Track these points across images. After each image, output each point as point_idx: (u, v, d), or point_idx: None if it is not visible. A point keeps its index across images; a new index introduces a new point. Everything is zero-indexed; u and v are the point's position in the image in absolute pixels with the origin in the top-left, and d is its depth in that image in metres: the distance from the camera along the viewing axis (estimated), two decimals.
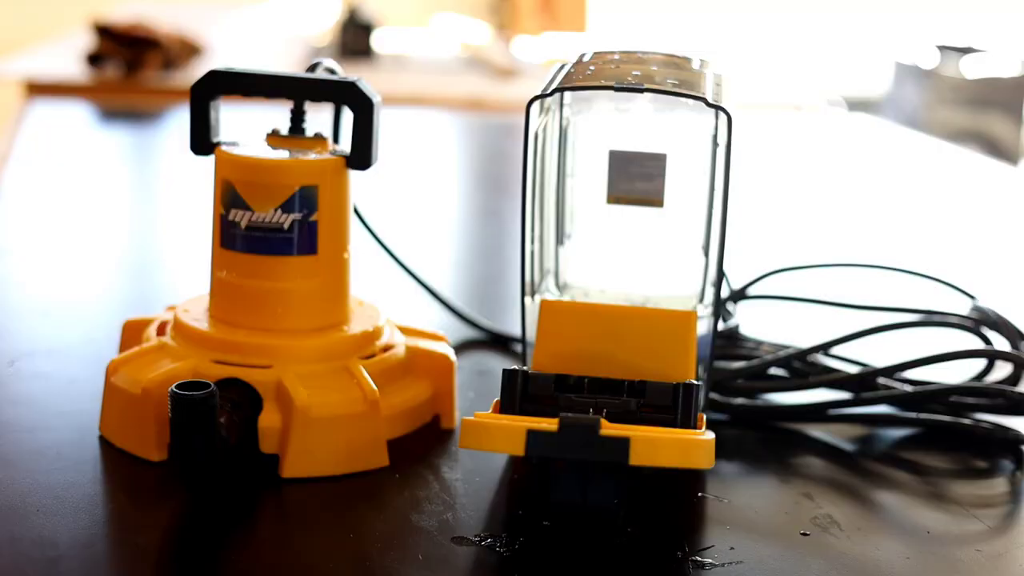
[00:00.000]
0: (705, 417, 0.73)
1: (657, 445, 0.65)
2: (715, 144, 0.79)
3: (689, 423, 0.70)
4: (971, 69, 4.05)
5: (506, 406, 0.72)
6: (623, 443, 0.64)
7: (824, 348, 0.88)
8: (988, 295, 1.00)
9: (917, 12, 4.69)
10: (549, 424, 0.65)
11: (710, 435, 0.68)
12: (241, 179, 0.77)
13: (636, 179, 0.85)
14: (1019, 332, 0.91)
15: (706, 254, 0.82)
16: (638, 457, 0.64)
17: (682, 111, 0.81)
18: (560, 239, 0.86)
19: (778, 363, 0.87)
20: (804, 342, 0.90)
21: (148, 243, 1.32)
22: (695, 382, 0.71)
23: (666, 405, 0.71)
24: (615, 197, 0.84)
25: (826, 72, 4.59)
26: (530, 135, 0.77)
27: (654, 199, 0.84)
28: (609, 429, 0.65)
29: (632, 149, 0.83)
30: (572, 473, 0.67)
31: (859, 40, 4.72)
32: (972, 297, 0.99)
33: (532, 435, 0.65)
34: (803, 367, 0.88)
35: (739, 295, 1.03)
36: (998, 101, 4.04)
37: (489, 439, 0.67)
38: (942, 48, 4.20)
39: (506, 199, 1.48)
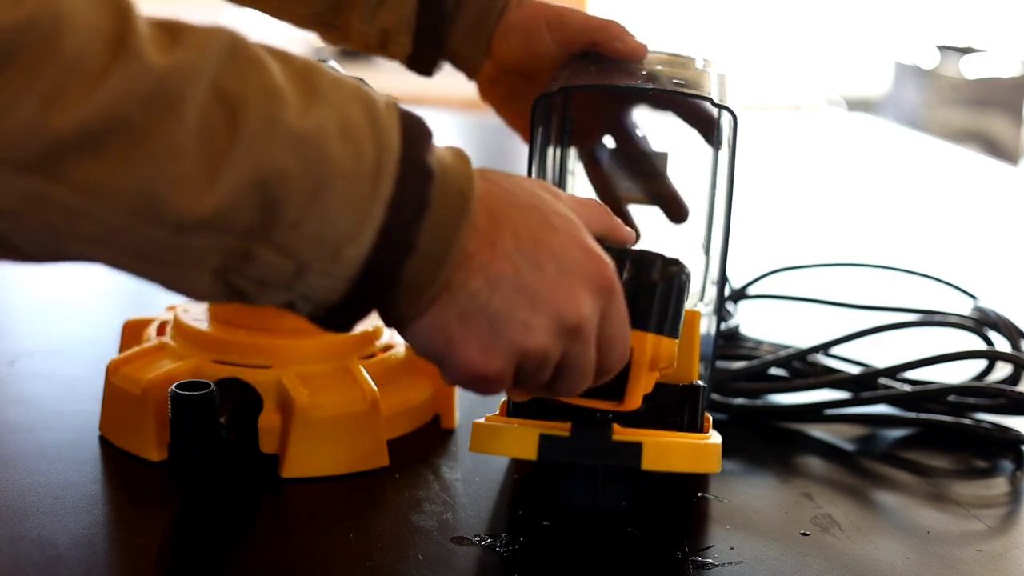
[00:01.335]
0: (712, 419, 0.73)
1: (669, 450, 0.65)
2: (717, 144, 0.79)
3: (696, 425, 0.70)
4: (971, 69, 4.05)
5: (514, 407, 0.71)
6: (635, 448, 0.64)
7: (825, 348, 0.88)
8: (988, 295, 1.00)
9: (917, 12, 4.69)
10: (561, 429, 0.65)
11: (718, 439, 0.68)
12: None
13: (637, 178, 0.85)
14: (1020, 332, 0.91)
15: (707, 253, 0.82)
16: (650, 462, 0.64)
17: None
18: None
19: (779, 363, 0.87)
20: (804, 342, 0.90)
21: None
22: (701, 384, 0.71)
23: (672, 407, 0.71)
24: (617, 196, 0.84)
25: (826, 72, 4.59)
26: (536, 134, 0.76)
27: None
28: (622, 434, 0.65)
29: (634, 148, 0.83)
30: (583, 475, 0.67)
31: (859, 40, 4.72)
32: (973, 297, 0.99)
33: (545, 440, 0.65)
34: (804, 367, 0.88)
35: (739, 295, 1.03)
36: (998, 101, 4.04)
37: (500, 443, 0.66)
38: (942, 48, 4.20)
39: None
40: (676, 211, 0.84)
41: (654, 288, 0.62)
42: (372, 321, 0.81)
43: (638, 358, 0.62)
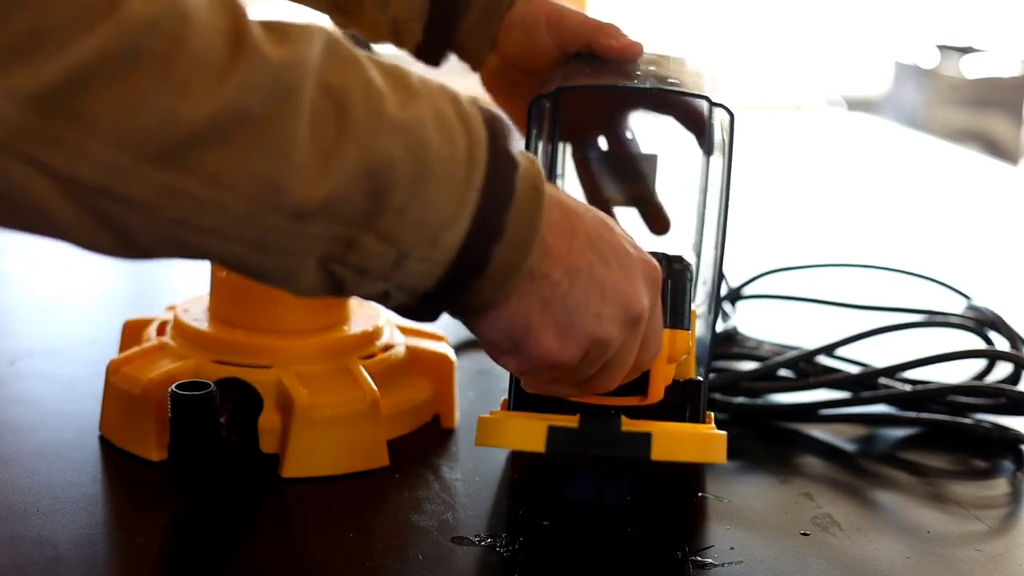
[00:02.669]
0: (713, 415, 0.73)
1: (678, 440, 0.65)
2: (709, 145, 0.79)
3: (698, 419, 0.70)
4: (971, 69, 4.05)
5: (517, 404, 0.70)
6: (645, 438, 0.64)
7: (831, 349, 0.88)
8: (988, 295, 1.00)
9: (917, 12, 4.68)
10: (569, 420, 0.65)
11: (723, 431, 0.68)
12: None
13: (627, 180, 0.85)
14: (1015, 332, 0.91)
15: (698, 255, 0.82)
16: (660, 452, 0.64)
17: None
18: None
19: (785, 364, 0.87)
20: (801, 342, 0.90)
21: None
22: (700, 378, 0.71)
23: (673, 402, 0.70)
24: (606, 199, 0.84)
25: (826, 72, 4.58)
26: (531, 135, 0.76)
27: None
28: (630, 425, 0.65)
29: (624, 150, 0.83)
30: (588, 470, 0.67)
31: (859, 40, 4.72)
32: (967, 297, 0.99)
33: (553, 431, 0.65)
34: (808, 368, 0.88)
35: (735, 295, 1.03)
36: (998, 101, 4.04)
37: (508, 436, 0.66)
38: (942, 48, 4.20)
39: None
40: (658, 223, 0.87)
41: (664, 285, 0.64)
42: (372, 321, 0.81)
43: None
